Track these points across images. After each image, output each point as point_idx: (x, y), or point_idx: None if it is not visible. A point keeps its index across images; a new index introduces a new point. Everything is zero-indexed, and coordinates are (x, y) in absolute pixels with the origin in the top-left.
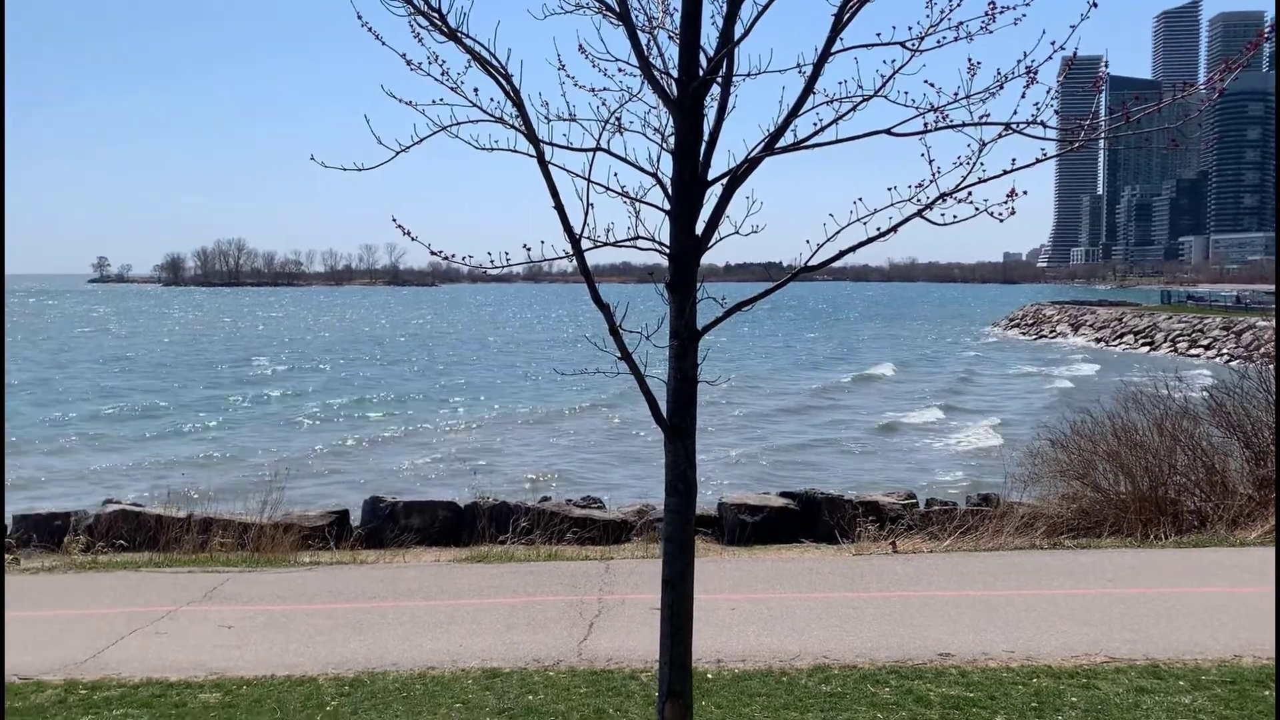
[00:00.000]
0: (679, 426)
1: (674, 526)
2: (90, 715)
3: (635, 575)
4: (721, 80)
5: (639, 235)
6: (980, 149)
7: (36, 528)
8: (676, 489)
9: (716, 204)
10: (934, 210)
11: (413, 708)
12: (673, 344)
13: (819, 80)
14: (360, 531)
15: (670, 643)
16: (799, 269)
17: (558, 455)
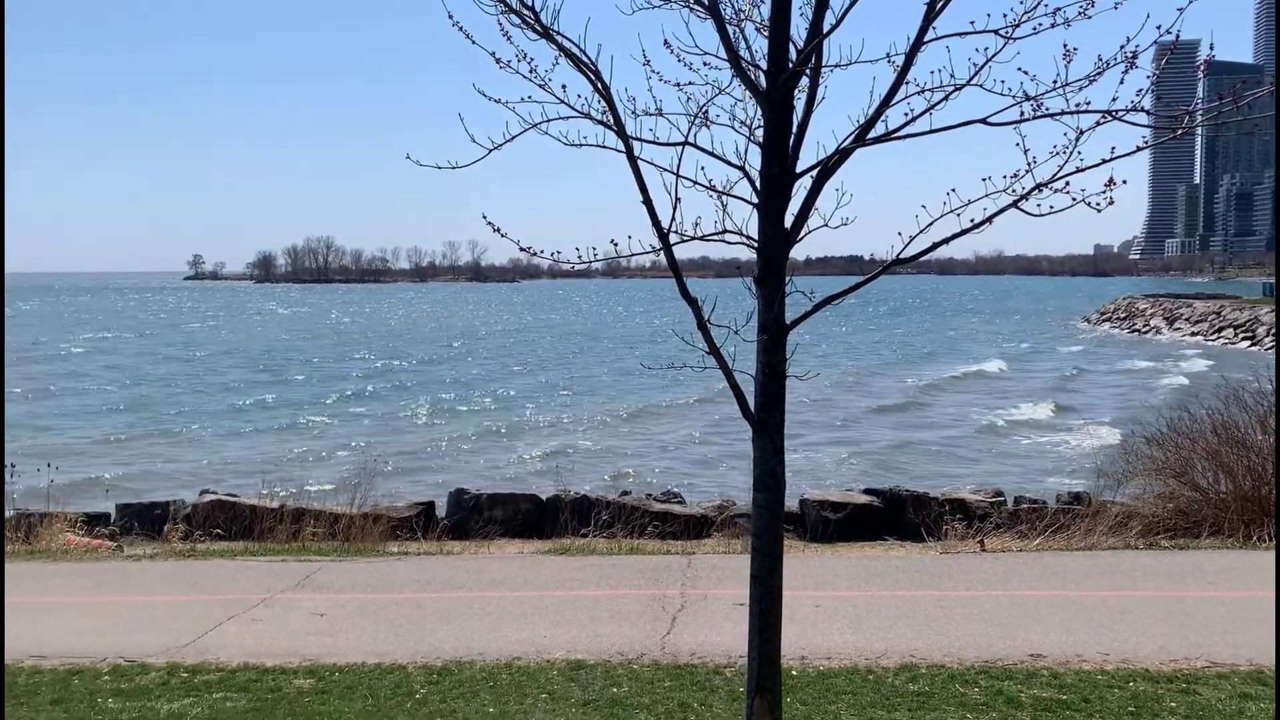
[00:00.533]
0: (767, 421)
1: (762, 522)
2: (191, 698)
3: (717, 571)
4: (810, 72)
5: (726, 229)
6: (1078, 137)
7: (138, 516)
8: (765, 484)
9: (806, 196)
10: (1030, 201)
11: (500, 697)
12: (761, 338)
13: (910, 70)
14: (446, 523)
15: (759, 638)
16: (891, 261)
17: (638, 450)
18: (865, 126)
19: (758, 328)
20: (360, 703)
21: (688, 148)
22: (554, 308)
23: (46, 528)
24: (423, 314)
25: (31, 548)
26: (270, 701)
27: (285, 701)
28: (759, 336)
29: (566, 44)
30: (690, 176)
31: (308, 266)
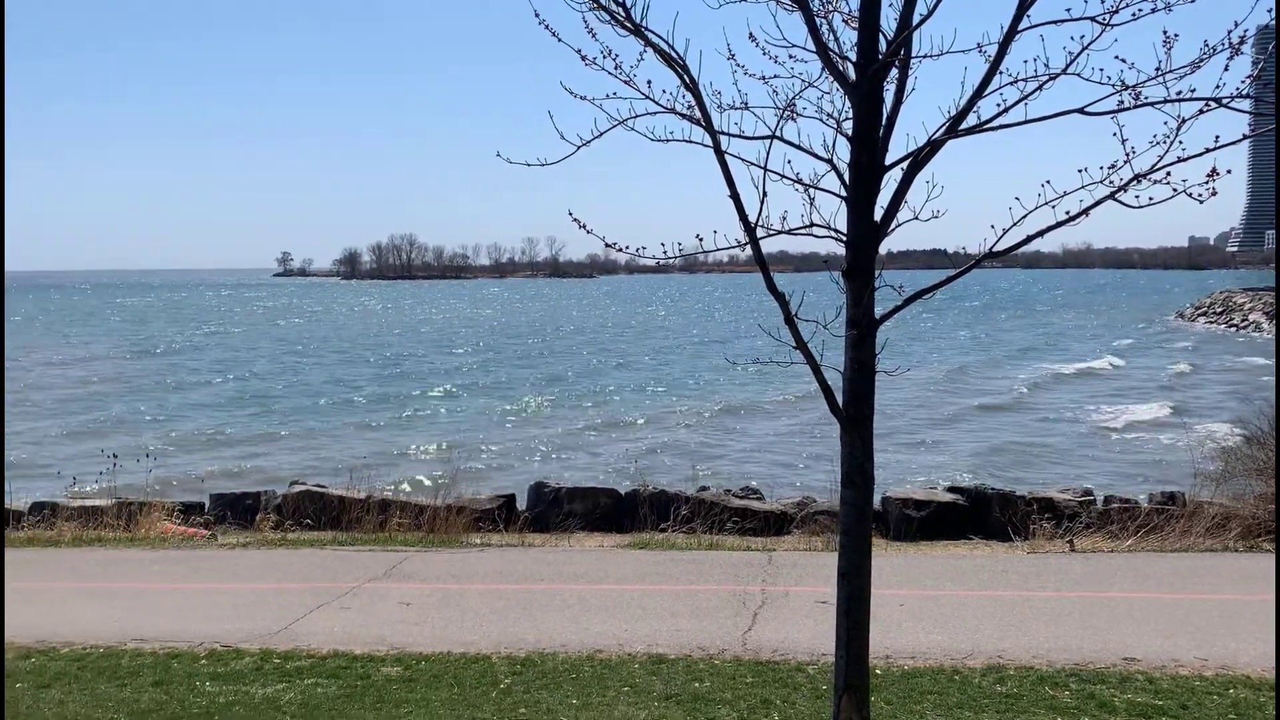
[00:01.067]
0: (855, 417)
1: (850, 519)
2: (284, 683)
3: (798, 568)
4: (899, 63)
5: (814, 222)
6: (1179, 126)
7: (230, 506)
8: (853, 481)
9: (896, 189)
10: (1128, 192)
11: (582, 689)
12: (850, 333)
13: (1003, 60)
14: (526, 515)
15: (847, 636)
16: (984, 254)
17: (717, 445)
18: (958, 117)
19: (846, 322)
20: (446, 691)
21: (773, 141)
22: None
23: (145, 516)
24: (512, 309)
25: (132, 535)
26: (360, 689)
27: (374, 689)
28: (847, 331)
29: (656, 40)
30: (777, 170)
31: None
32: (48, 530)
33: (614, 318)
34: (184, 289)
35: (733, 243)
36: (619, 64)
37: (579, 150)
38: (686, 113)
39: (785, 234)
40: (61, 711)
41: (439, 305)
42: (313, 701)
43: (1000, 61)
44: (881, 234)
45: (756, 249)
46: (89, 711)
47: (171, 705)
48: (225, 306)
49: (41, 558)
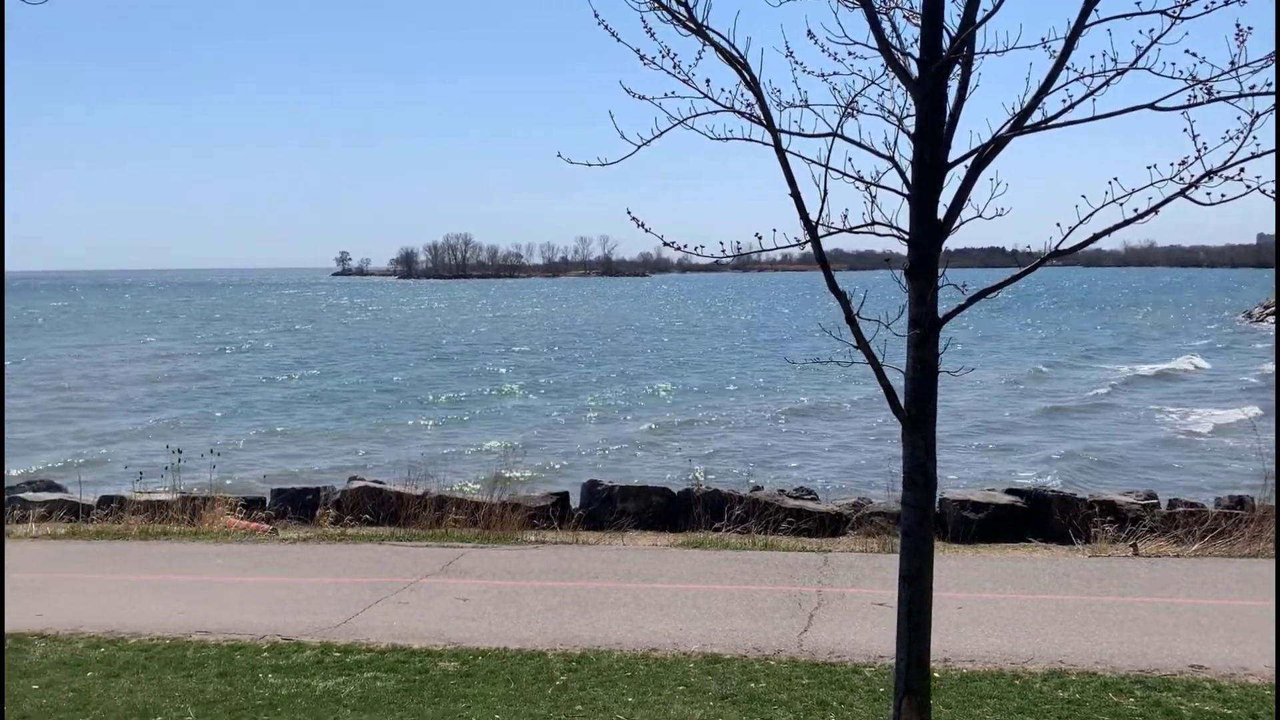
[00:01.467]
0: (918, 418)
1: (912, 520)
2: (344, 676)
3: (854, 569)
4: (962, 59)
5: (875, 220)
6: (1253, 121)
7: (291, 501)
8: (915, 482)
9: (960, 186)
10: (1199, 189)
11: (638, 687)
12: (912, 333)
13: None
14: (580, 513)
15: (908, 638)
16: (1050, 253)
17: (771, 445)
18: (1023, 114)
19: (908, 322)
20: (503, 687)
21: (835, 139)
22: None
23: (209, 511)
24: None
25: (196, 530)
26: (418, 683)
27: (432, 683)
28: (910, 331)
29: (717, 39)
30: (838, 168)
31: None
32: (115, 524)
33: (669, 316)
34: (247, 288)
35: (792, 241)
36: (677, 63)
37: (639, 150)
38: (746, 111)
39: (846, 232)
40: (131, 700)
41: (498, 304)
42: (372, 695)
43: (1067, 57)
44: (945, 232)
45: (817, 247)
46: (157, 701)
47: (235, 696)
48: (289, 305)
49: (110, 550)
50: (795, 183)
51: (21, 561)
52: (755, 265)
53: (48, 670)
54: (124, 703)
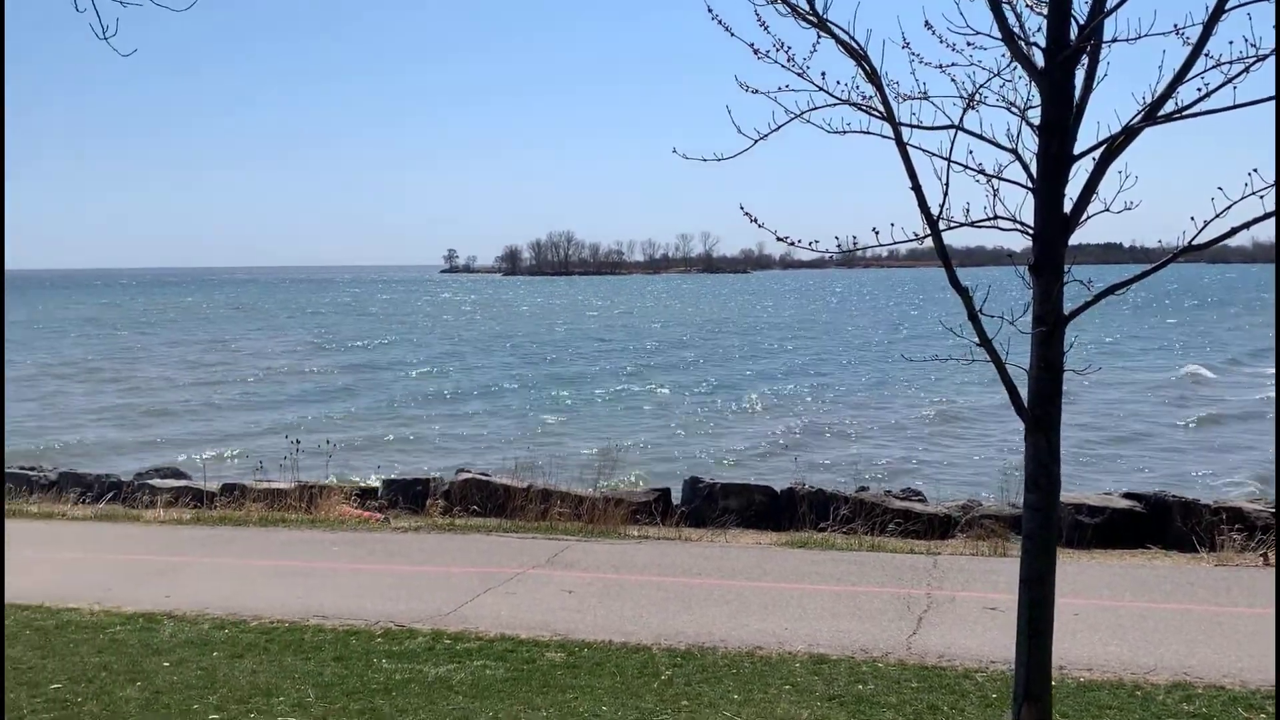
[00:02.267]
0: (1041, 418)
1: (1034, 523)
2: (454, 663)
3: (964, 572)
4: (1090, 48)
5: (998, 215)
6: None
7: (402, 491)
8: (1038, 484)
9: (1088, 179)
10: None
11: (743, 685)
12: (1037, 330)
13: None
14: (683, 509)
15: (1029, 643)
16: (1183, 248)
17: (880, 443)
18: (1155, 104)
19: (1033, 319)
20: (609, 679)
21: (957, 131)
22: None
23: (325, 499)
24: (684, 304)
25: (312, 518)
26: (526, 672)
27: (539, 673)
28: (1034, 328)
29: (838, 32)
30: (960, 161)
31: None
32: (237, 510)
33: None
34: (359, 285)
35: (910, 235)
36: (791, 56)
37: (756, 144)
38: (863, 104)
39: (968, 226)
40: (254, 680)
41: (612, 299)
42: (482, 682)
43: (1205, 43)
44: (1072, 226)
45: (939, 242)
46: (278, 681)
47: (352, 680)
48: (403, 300)
49: (232, 535)
50: (916, 176)
51: (150, 544)
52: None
53: (177, 649)
54: (248, 682)
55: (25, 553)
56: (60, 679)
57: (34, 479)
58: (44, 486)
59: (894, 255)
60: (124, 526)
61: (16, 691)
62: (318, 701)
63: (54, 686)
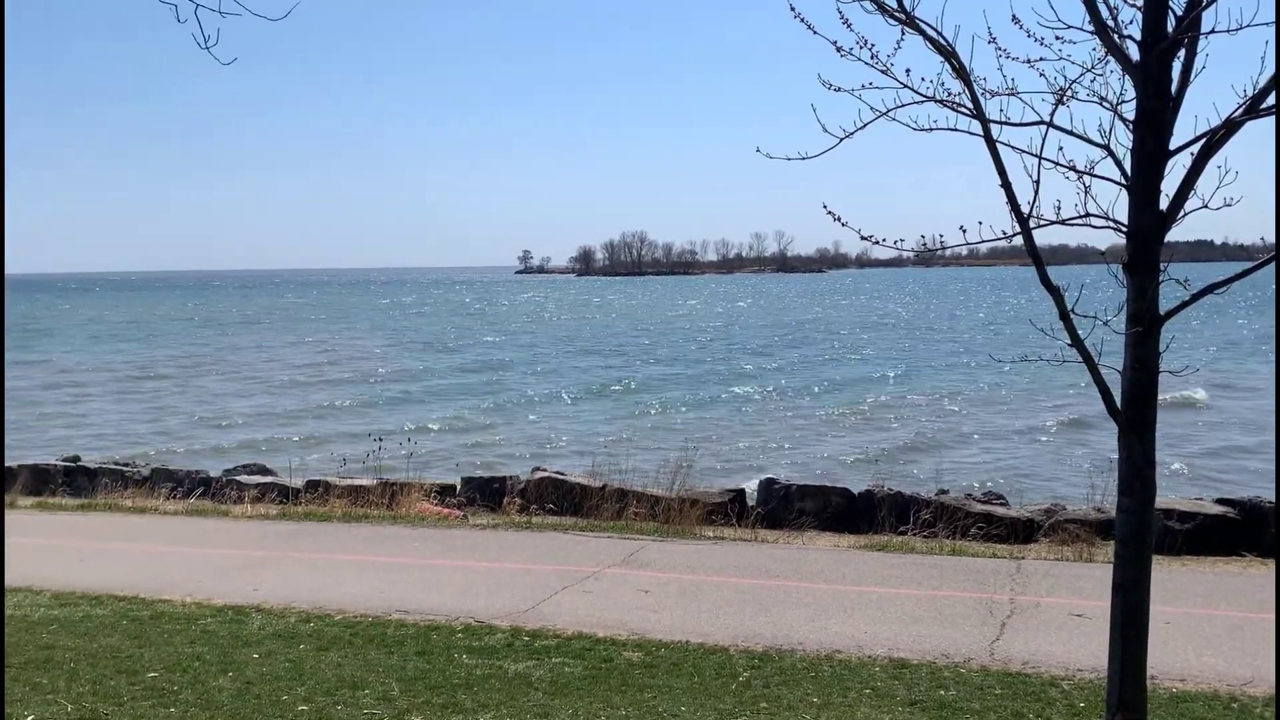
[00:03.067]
0: (1135, 420)
1: (1128, 528)
2: (533, 660)
3: (1049, 577)
4: (1188, 40)
5: (1089, 213)
6: None
7: (480, 489)
8: (1132, 488)
9: (1186, 175)
10: None
11: (822, 688)
12: (1131, 331)
13: None
14: (759, 511)
15: (1122, 651)
16: None
17: (958, 445)
18: (1258, 96)
19: (1127, 319)
20: (686, 680)
21: (1048, 128)
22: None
23: (405, 496)
24: (766, 303)
25: (394, 514)
26: (603, 670)
27: (617, 672)
28: (1128, 329)
29: (926, 28)
30: (1051, 158)
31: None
32: (321, 506)
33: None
34: (438, 285)
35: (997, 234)
36: (875, 54)
37: (841, 142)
38: (948, 100)
39: (1059, 224)
40: (340, 673)
41: (702, 298)
42: (561, 680)
43: None
44: (1168, 224)
45: (1029, 240)
46: (363, 675)
47: (434, 674)
48: (482, 300)
49: (316, 530)
50: (1006, 173)
51: (239, 539)
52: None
53: (265, 641)
54: (334, 675)
55: (121, 546)
56: (157, 668)
57: (128, 475)
58: (137, 482)
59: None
60: (213, 521)
61: (116, 679)
62: (402, 695)
63: (151, 675)
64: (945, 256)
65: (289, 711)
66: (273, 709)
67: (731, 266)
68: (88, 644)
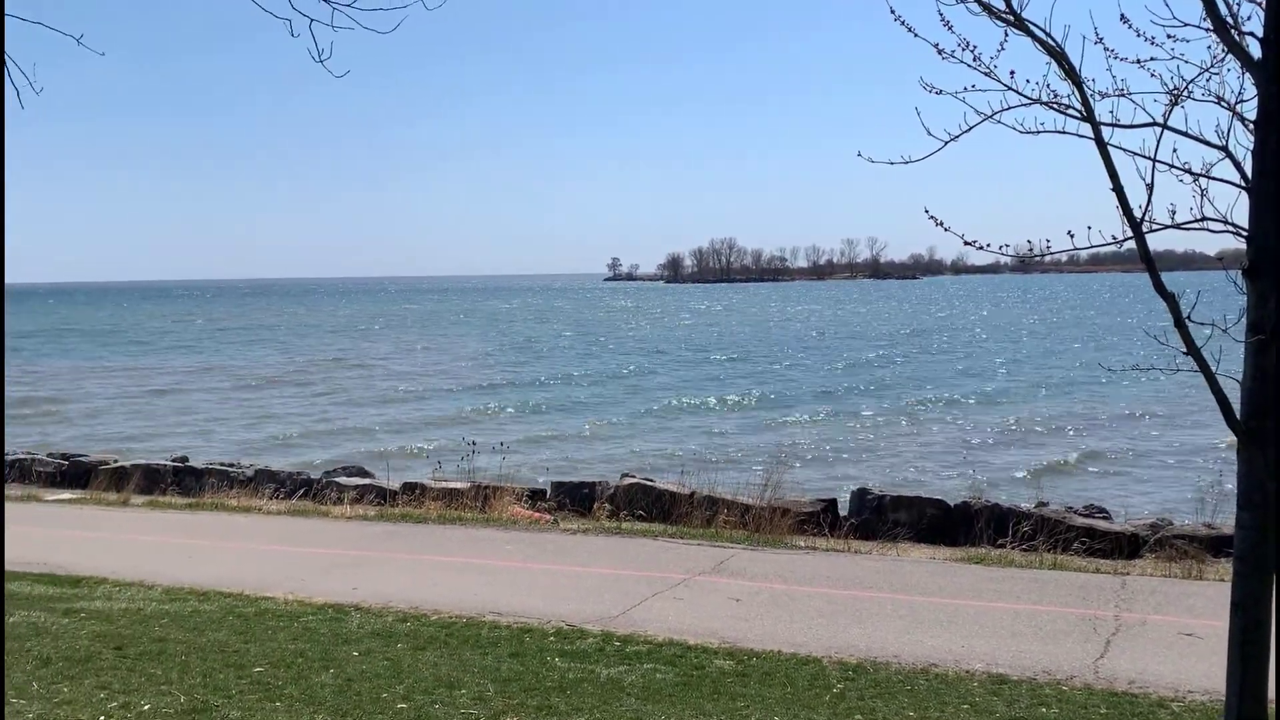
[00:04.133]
0: (1256, 432)
1: (1246, 544)
2: (625, 665)
3: (1157, 595)
4: None
5: (1205, 216)
6: None
7: (569, 494)
8: (1251, 502)
9: None
10: None
11: (919, 702)
12: (1252, 339)
13: None
14: (852, 521)
15: (1242, 673)
16: None
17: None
18: None
19: (1247, 326)
20: (779, 690)
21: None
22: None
23: (498, 499)
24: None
25: (486, 517)
26: (695, 678)
27: (709, 680)
28: (1248, 337)
29: (1036, 30)
30: (1165, 160)
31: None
32: (417, 508)
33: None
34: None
35: (1107, 239)
36: (978, 56)
37: (946, 145)
38: (1056, 103)
39: (1174, 228)
40: (436, 673)
41: (806, 305)
42: (653, 686)
43: None
44: None
45: (1143, 245)
46: (459, 675)
47: (528, 676)
48: (589, 306)
49: (412, 532)
50: (1118, 176)
51: (338, 539)
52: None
53: (364, 639)
54: (431, 674)
55: (227, 544)
56: (262, 663)
57: (233, 475)
58: (242, 482)
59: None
60: (314, 521)
61: (225, 672)
62: (497, 695)
63: (257, 669)
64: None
65: (389, 709)
66: (373, 706)
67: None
68: (197, 638)
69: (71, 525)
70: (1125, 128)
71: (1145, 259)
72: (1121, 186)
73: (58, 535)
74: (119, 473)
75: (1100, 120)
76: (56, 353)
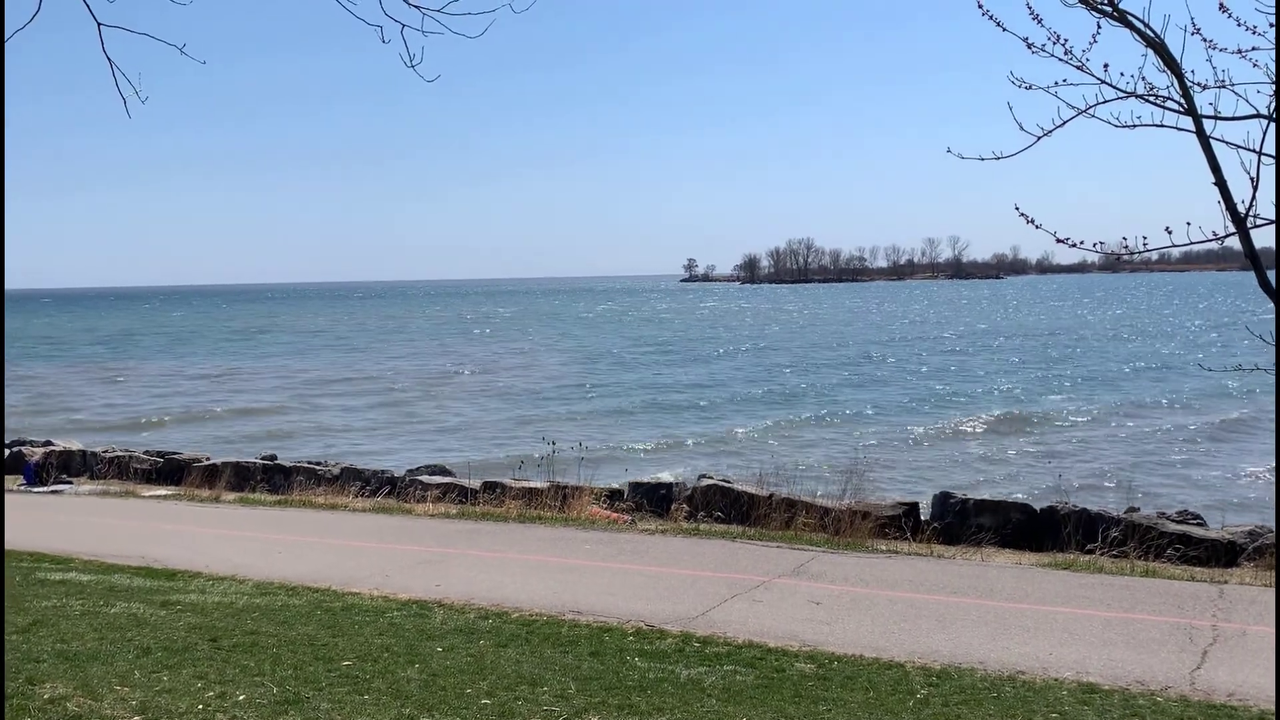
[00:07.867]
0: None
1: None
2: (704, 666)
3: (1256, 604)
4: None
5: None
6: None
7: (647, 494)
8: None
9: None
10: None
11: (1005, 710)
12: None
13: None
14: (935, 525)
15: None
16: None
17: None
18: None
19: None
20: (861, 694)
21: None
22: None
23: (576, 499)
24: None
25: (565, 516)
26: (775, 680)
27: (790, 683)
28: None
29: (1135, 21)
30: (1270, 153)
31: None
32: (497, 507)
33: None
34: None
35: (1207, 235)
36: (1069, 49)
37: (1039, 140)
38: (1153, 96)
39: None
40: (519, 669)
41: (900, 305)
42: (733, 687)
43: None
44: None
45: (1247, 242)
46: (540, 672)
47: (608, 675)
48: (673, 310)
49: (493, 530)
50: (1220, 170)
51: (421, 536)
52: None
53: (448, 635)
54: (513, 671)
55: (314, 540)
56: (350, 656)
57: (320, 473)
58: (328, 480)
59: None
60: (398, 519)
61: (315, 665)
62: (578, 693)
63: (345, 663)
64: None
65: (473, 704)
66: (458, 701)
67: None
68: (286, 631)
69: (167, 520)
70: (1227, 119)
71: (1250, 256)
72: (1224, 181)
73: (154, 529)
74: (210, 470)
75: (1201, 113)
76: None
